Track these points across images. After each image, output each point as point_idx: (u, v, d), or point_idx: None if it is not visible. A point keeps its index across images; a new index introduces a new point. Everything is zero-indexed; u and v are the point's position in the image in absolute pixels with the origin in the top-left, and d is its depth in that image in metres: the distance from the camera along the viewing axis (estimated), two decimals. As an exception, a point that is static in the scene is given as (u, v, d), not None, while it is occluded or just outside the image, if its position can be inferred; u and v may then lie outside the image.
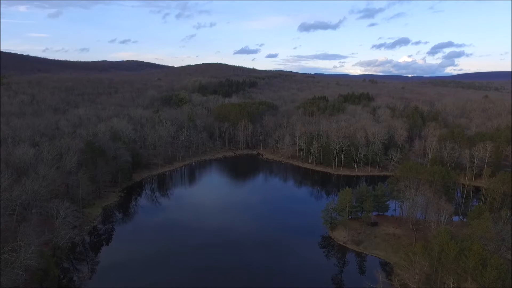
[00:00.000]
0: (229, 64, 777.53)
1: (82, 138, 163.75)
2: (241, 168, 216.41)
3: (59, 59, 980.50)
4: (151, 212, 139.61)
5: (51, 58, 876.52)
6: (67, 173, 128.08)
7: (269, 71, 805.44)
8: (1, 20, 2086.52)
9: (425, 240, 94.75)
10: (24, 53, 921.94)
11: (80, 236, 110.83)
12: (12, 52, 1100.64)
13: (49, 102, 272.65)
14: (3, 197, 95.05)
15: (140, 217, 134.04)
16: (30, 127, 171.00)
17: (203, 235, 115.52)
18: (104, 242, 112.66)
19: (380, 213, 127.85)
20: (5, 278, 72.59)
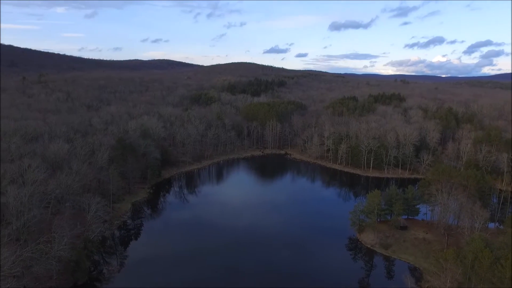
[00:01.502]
0: (258, 63, 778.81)
1: (113, 135, 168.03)
2: (268, 168, 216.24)
3: (93, 58, 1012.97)
4: (179, 209, 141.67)
5: (85, 57, 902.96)
6: (98, 169, 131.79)
7: (298, 70, 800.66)
8: (41, 21, 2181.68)
9: (457, 246, 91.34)
10: (61, 52, 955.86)
11: (110, 230, 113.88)
12: (50, 51, 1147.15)
13: (83, 100, 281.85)
14: (39, 190, 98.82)
15: (168, 214, 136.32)
16: (65, 123, 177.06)
17: (230, 233, 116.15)
18: (133, 237, 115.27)
19: (410, 217, 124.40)
20: (40, 267, 75.52)
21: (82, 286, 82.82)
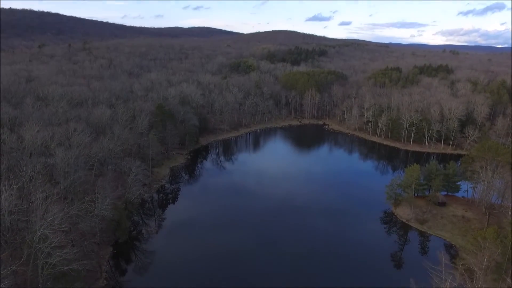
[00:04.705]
0: (299, 31, 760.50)
1: (153, 101, 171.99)
2: (306, 138, 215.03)
3: (135, 25, 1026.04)
4: (215, 175, 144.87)
5: (127, 25, 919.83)
6: (139, 134, 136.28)
7: (340, 39, 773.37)
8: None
9: (499, 226, 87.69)
10: (104, 20, 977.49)
11: (149, 193, 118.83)
12: (93, 19, 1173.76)
13: (125, 67, 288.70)
14: (84, 153, 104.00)
15: (205, 180, 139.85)
16: (107, 89, 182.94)
17: (267, 200, 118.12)
18: (170, 201, 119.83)
19: (450, 193, 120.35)
20: (85, 224, 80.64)
21: (123, 244, 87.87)
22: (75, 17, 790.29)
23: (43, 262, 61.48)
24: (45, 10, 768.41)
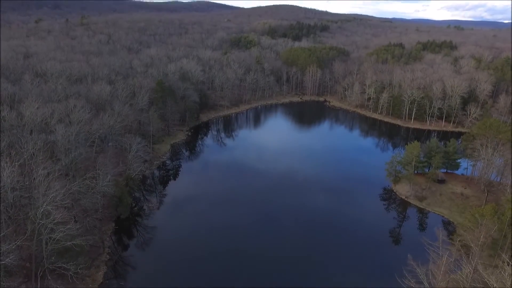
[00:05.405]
0: (301, 6, 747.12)
1: (153, 77, 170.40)
2: (306, 114, 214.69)
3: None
4: (216, 151, 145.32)
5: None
6: (139, 111, 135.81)
7: (342, 14, 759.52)
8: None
9: (497, 203, 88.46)
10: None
11: (150, 170, 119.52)
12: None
13: (124, 42, 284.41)
14: (84, 130, 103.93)
15: (206, 156, 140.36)
16: (106, 65, 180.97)
17: (267, 176, 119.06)
18: (171, 177, 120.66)
19: (449, 171, 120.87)
20: (87, 200, 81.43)
21: (125, 220, 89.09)
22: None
23: (47, 238, 62.48)
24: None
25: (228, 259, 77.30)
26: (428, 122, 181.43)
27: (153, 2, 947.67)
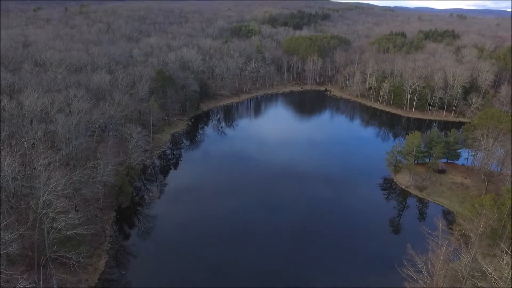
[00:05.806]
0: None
1: (153, 66, 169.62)
2: (307, 104, 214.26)
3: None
4: (216, 141, 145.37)
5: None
6: (139, 100, 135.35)
7: (344, 3, 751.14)
8: None
9: (497, 193, 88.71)
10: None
11: (151, 159, 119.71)
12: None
13: (123, 31, 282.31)
14: (84, 120, 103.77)
15: (206, 146, 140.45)
16: (106, 54, 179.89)
17: (268, 166, 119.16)
18: (172, 167, 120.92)
19: (450, 161, 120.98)
20: (88, 190, 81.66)
21: (126, 209, 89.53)
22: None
23: (49, 227, 62.82)
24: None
25: (228, 247, 77.91)
26: (429, 112, 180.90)
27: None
